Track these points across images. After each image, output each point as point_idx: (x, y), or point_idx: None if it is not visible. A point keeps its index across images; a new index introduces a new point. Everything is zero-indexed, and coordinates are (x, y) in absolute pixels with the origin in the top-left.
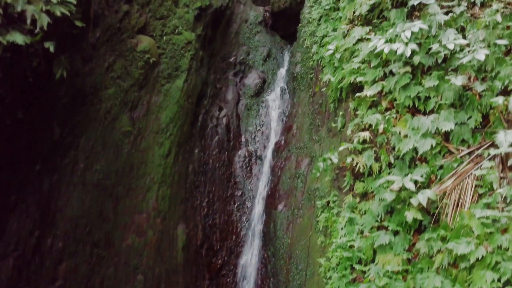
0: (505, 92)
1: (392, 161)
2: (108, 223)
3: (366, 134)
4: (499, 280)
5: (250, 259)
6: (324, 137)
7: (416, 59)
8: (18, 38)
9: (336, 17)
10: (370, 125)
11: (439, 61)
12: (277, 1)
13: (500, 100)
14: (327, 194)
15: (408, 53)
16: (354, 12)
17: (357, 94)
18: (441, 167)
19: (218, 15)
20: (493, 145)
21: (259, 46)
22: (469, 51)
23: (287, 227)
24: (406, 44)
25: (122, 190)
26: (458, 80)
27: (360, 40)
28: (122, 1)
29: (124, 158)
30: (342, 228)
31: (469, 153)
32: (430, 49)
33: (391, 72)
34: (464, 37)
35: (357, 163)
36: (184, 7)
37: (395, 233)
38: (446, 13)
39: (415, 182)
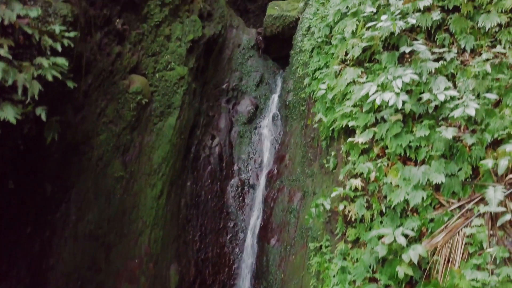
0: (494, 144)
1: (384, 210)
2: (100, 273)
3: (358, 183)
4: None
5: None
6: (316, 173)
7: (407, 107)
8: (10, 114)
9: (329, 52)
10: (362, 173)
11: (430, 111)
12: (270, 26)
13: (489, 163)
14: (320, 236)
15: (400, 105)
16: (346, 53)
17: (349, 140)
18: (432, 220)
19: (210, 44)
20: (483, 199)
21: (252, 71)
22: (458, 105)
23: (280, 263)
24: (398, 94)
25: (114, 237)
26: (448, 133)
27: (352, 82)
28: (114, 42)
29: (116, 204)
30: (334, 276)
31: (459, 207)
32: (421, 97)
33: (382, 118)
34: (455, 85)
35: (349, 211)
36: (177, 41)
37: (387, 287)
38: (437, 59)
39: (406, 236)
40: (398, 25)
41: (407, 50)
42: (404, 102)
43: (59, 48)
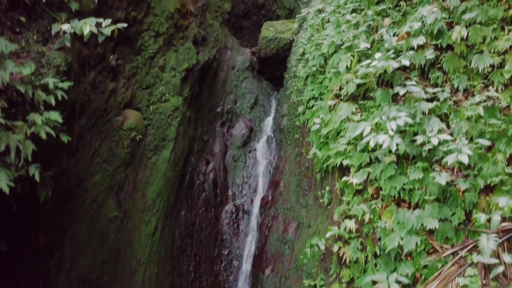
0: (487, 188)
1: (378, 252)
2: None
3: (352, 225)
4: None
5: None
6: (311, 205)
7: (401, 148)
8: (3, 181)
9: (323, 82)
10: (356, 214)
11: (424, 153)
12: (264, 48)
13: (482, 218)
14: (314, 274)
15: (394, 148)
16: (340, 87)
17: (344, 178)
18: (425, 266)
19: (205, 69)
20: (476, 247)
21: (246, 93)
22: (452, 149)
23: None
24: (392, 137)
25: (108, 279)
26: (442, 179)
27: (346, 119)
28: (108, 79)
29: (110, 245)
30: None
31: (453, 253)
32: (415, 139)
33: (376, 158)
34: (448, 125)
35: (343, 253)
36: (171, 71)
37: None
38: (431, 99)
39: (400, 282)
40: (392, 66)
41: (401, 92)
42: (398, 144)
43: (53, 102)
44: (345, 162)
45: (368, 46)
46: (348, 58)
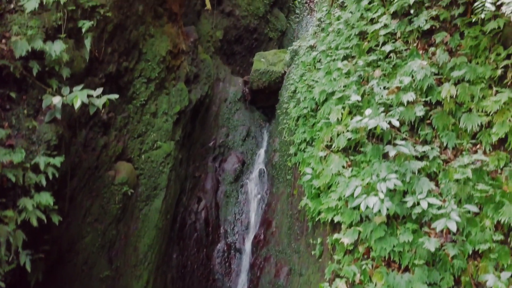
0: (475, 253)
1: None
2: None
3: (343, 286)
4: None
5: None
6: (303, 251)
7: (392, 209)
8: None
9: (315, 127)
10: (347, 276)
11: (414, 217)
12: (256, 80)
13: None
14: None
15: (384, 212)
16: (331, 139)
17: (335, 236)
18: None
19: (198, 107)
20: None
21: (239, 125)
22: (441, 214)
23: None
24: (382, 201)
25: None
26: (431, 245)
27: (337, 174)
28: (99, 134)
29: None
30: None
31: None
32: (405, 199)
33: (367, 217)
34: (437, 184)
35: None
36: (163, 116)
37: None
38: (420, 158)
39: None
40: (382, 127)
41: (391, 153)
42: (388, 208)
43: (44, 182)
44: (336, 219)
45: (359, 98)
46: (339, 111)
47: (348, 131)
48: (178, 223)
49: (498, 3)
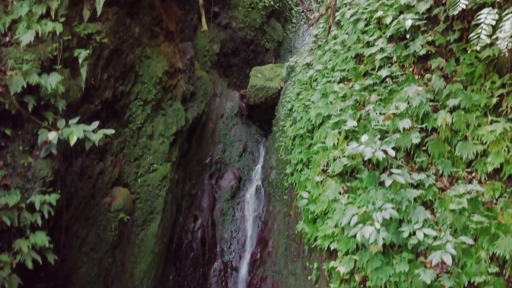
0: (471, 287)
1: None
2: None
3: None
4: None
5: None
6: (299, 274)
7: (388, 239)
8: None
9: (311, 148)
10: None
11: (410, 247)
12: (253, 96)
13: None
14: None
15: (380, 242)
16: (327, 163)
17: (331, 264)
18: None
19: (194, 125)
20: None
21: (235, 141)
22: (437, 246)
23: None
24: (378, 231)
25: None
26: (427, 277)
27: (334, 200)
28: (95, 161)
29: None
30: None
31: None
32: (401, 228)
33: (363, 245)
34: (433, 212)
35: None
36: (159, 138)
37: None
38: (416, 185)
39: None
40: (378, 156)
41: (387, 182)
42: (384, 238)
43: (39, 221)
44: (332, 246)
45: (355, 124)
46: (335, 136)
47: (344, 156)
48: (175, 243)
49: (494, 37)
